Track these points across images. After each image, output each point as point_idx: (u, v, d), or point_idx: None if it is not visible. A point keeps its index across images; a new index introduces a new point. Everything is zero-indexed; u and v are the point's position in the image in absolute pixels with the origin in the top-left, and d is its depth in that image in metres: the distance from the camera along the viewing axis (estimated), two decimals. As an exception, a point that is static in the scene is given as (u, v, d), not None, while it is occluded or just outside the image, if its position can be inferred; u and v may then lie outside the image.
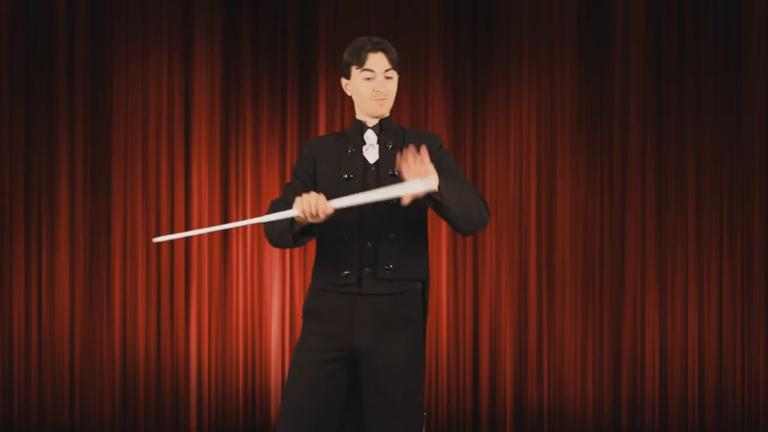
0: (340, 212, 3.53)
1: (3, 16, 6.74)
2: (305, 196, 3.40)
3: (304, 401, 3.55)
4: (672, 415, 6.79)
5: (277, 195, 6.76)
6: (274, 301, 6.73)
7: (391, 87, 3.66)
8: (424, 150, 3.40)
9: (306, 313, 3.66)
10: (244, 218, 6.74)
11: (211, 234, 6.74)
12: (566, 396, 6.79)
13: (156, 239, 3.56)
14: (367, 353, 3.55)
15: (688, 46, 6.87)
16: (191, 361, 6.72)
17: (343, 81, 3.71)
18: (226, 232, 6.74)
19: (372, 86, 3.63)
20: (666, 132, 6.87)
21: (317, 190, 3.59)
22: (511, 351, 6.80)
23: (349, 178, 3.60)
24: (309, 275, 3.70)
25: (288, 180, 3.71)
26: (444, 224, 6.76)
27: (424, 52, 6.84)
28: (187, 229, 6.76)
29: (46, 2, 6.76)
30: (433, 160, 3.57)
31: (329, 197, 3.51)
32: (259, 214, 6.75)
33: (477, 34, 6.89)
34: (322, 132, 6.76)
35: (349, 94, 3.72)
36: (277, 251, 6.72)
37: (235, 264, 6.74)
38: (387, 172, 3.61)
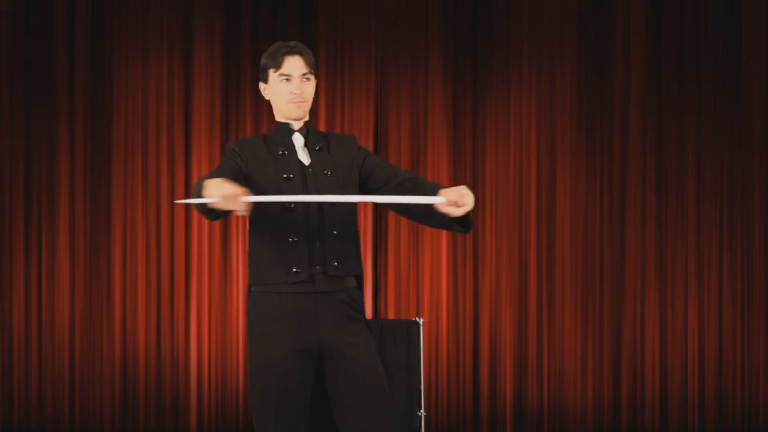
0: (281, 211, 3.56)
1: (3, 16, 6.74)
2: (224, 184, 3.35)
3: (284, 402, 3.55)
4: (672, 415, 6.79)
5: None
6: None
7: (309, 90, 3.67)
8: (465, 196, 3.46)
9: (257, 320, 3.61)
10: (245, 220, 6.75)
11: (211, 234, 6.75)
12: (566, 396, 6.79)
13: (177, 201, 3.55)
14: (333, 349, 3.56)
15: (688, 46, 6.87)
16: (191, 361, 6.72)
17: (261, 85, 3.72)
18: (226, 233, 6.75)
19: (289, 89, 3.65)
20: (666, 132, 6.87)
21: (254, 188, 3.59)
22: (511, 351, 6.80)
23: (289, 178, 3.61)
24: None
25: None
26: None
27: (424, 52, 6.84)
28: (187, 230, 6.77)
29: (46, 2, 6.76)
30: (356, 159, 3.68)
31: (271, 195, 3.56)
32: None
33: (477, 34, 6.89)
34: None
35: (267, 98, 3.72)
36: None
37: (235, 264, 6.74)
38: (323, 172, 3.63)
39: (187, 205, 6.77)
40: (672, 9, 6.87)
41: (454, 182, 6.80)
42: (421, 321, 5.39)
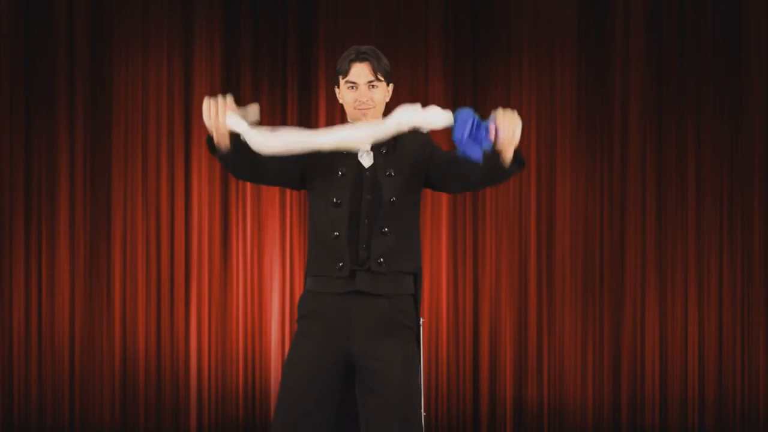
0: (329, 207, 3.59)
1: (3, 16, 6.74)
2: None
3: (298, 405, 3.56)
4: (672, 415, 6.79)
5: (275, 196, 6.77)
6: (274, 301, 6.73)
7: (376, 96, 3.70)
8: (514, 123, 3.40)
9: (301, 317, 3.68)
10: (244, 217, 6.75)
11: (211, 234, 6.75)
12: (566, 396, 6.78)
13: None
14: (362, 358, 3.57)
15: (688, 46, 6.87)
16: (191, 361, 6.72)
17: (336, 89, 3.78)
18: (226, 233, 6.74)
19: (354, 96, 3.69)
20: (666, 132, 6.87)
21: (310, 183, 3.66)
22: (511, 351, 6.80)
23: (343, 175, 3.64)
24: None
25: None
26: (444, 224, 6.76)
27: (424, 52, 6.84)
28: (187, 230, 6.76)
29: (46, 2, 6.76)
30: (423, 158, 3.68)
31: (323, 192, 3.62)
32: (260, 215, 6.76)
33: (477, 34, 6.89)
34: (322, 132, 6.76)
35: (340, 102, 3.78)
36: (276, 252, 6.73)
37: (235, 264, 6.74)
38: (384, 174, 3.65)
39: (187, 203, 6.77)
40: (672, 9, 6.87)
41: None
42: (421, 321, 5.38)
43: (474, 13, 6.89)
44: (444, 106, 6.93)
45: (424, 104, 6.93)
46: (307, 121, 6.79)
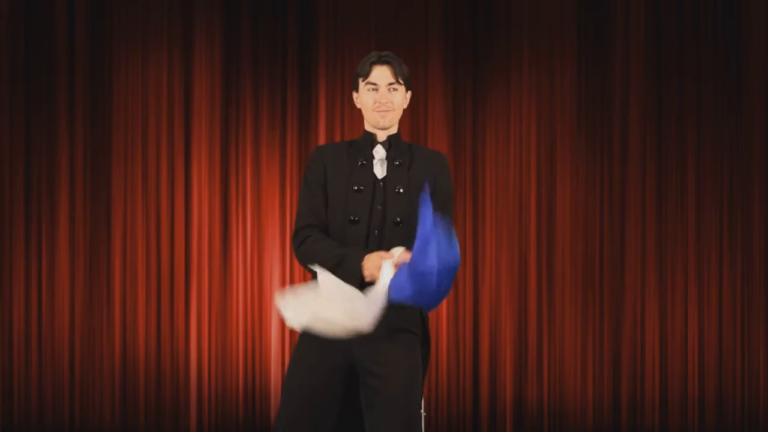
0: (346, 223, 3.65)
1: (3, 16, 6.74)
2: (372, 260, 3.50)
3: (300, 410, 3.57)
4: (672, 415, 6.79)
5: (275, 196, 6.77)
6: (274, 302, 6.73)
7: (396, 99, 3.71)
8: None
9: None
10: (244, 217, 6.75)
11: (211, 234, 6.75)
12: (566, 396, 6.79)
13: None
14: (364, 362, 3.57)
15: (688, 46, 6.87)
16: (191, 361, 6.72)
17: (354, 94, 3.79)
18: (226, 233, 6.75)
19: (374, 97, 3.69)
20: (666, 132, 6.87)
21: (327, 199, 3.67)
22: (511, 351, 6.80)
23: (359, 190, 3.65)
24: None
25: (301, 188, 3.76)
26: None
27: (424, 52, 6.84)
28: (187, 230, 6.76)
29: (46, 2, 6.76)
30: (433, 179, 3.70)
31: (340, 207, 3.63)
32: (260, 215, 6.76)
33: (477, 35, 6.89)
34: (322, 132, 6.76)
35: (358, 106, 3.78)
36: (276, 252, 6.73)
37: (235, 264, 6.74)
38: (393, 189, 3.65)
39: (187, 203, 6.77)
40: (672, 9, 6.87)
41: (455, 181, 6.80)
42: (421, 321, 5.38)
43: (474, 14, 6.89)
44: (444, 106, 6.96)
45: (424, 105, 6.95)
46: (307, 120, 6.79)
